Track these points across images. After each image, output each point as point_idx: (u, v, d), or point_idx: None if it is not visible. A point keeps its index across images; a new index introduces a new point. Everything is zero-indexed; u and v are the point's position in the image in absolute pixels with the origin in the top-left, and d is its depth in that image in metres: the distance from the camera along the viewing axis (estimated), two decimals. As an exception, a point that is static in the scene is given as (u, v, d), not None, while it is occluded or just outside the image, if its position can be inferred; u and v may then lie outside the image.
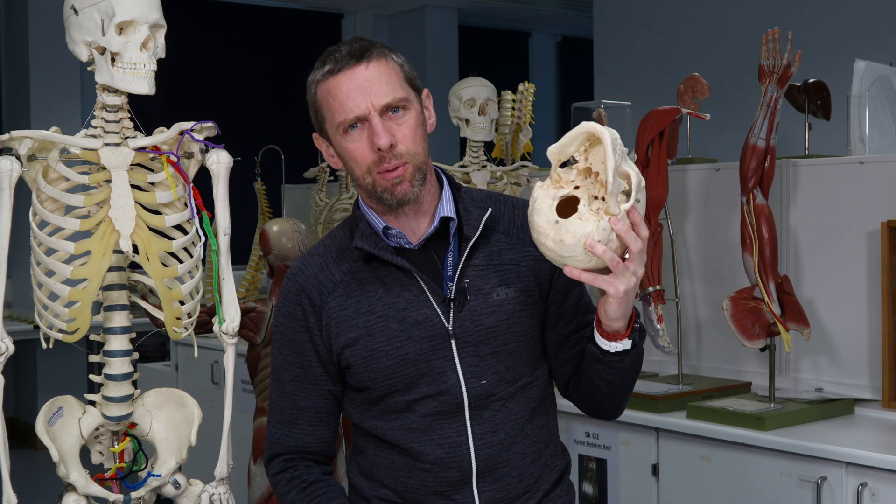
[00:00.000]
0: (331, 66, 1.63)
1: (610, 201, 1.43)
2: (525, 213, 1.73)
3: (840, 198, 3.11)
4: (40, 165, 2.06)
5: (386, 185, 1.63)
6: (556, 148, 1.48)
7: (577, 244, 1.43)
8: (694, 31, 6.02)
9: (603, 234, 1.43)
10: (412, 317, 1.65)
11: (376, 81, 1.61)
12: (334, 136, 1.66)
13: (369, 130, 1.62)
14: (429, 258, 1.70)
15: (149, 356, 6.09)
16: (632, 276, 1.47)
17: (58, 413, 2.11)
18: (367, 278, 1.68)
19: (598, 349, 1.61)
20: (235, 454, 2.51)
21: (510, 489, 1.70)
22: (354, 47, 1.63)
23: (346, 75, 1.61)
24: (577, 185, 1.46)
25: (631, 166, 1.45)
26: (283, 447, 1.78)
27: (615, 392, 1.70)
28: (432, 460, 1.66)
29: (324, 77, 1.63)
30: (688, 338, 3.44)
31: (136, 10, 1.97)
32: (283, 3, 8.25)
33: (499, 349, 1.68)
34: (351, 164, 1.66)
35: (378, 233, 1.68)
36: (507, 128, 3.98)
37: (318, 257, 1.74)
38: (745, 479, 2.73)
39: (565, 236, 1.44)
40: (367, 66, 1.62)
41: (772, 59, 2.89)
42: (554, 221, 1.45)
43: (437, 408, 1.66)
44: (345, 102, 1.61)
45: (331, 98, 1.63)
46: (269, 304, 3.45)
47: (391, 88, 1.62)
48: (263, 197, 5.28)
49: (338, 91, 1.62)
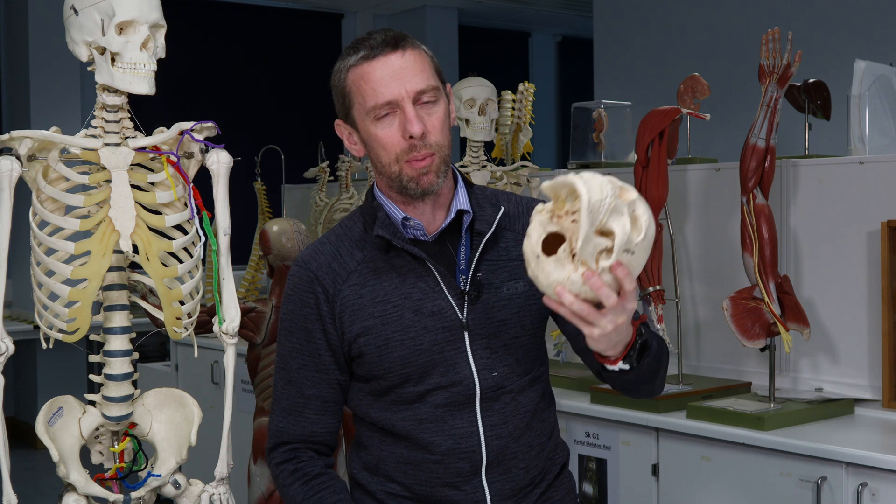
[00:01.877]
0: (365, 52, 1.63)
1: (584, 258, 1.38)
2: (529, 209, 1.77)
3: (840, 198, 3.11)
4: (40, 165, 2.06)
5: (412, 175, 1.64)
6: (549, 187, 1.43)
7: (549, 286, 1.41)
8: (694, 31, 6.02)
9: (574, 286, 1.40)
10: (427, 307, 1.67)
11: (411, 69, 1.62)
12: (363, 122, 1.66)
13: (401, 118, 1.62)
14: (444, 250, 1.71)
15: (149, 356, 6.09)
16: (608, 325, 1.43)
17: (58, 413, 2.11)
18: (383, 268, 1.69)
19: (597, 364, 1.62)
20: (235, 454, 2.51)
21: (518, 480, 1.72)
22: (389, 35, 1.64)
23: (381, 61, 1.62)
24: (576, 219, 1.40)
25: (620, 224, 1.39)
26: (287, 436, 1.77)
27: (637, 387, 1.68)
28: (443, 451, 1.67)
29: (357, 63, 1.64)
30: (688, 338, 3.44)
31: (136, 10, 1.97)
32: (283, 3, 8.25)
33: (510, 342, 1.70)
34: (378, 152, 1.66)
35: (396, 223, 1.69)
36: (507, 128, 3.98)
37: (330, 245, 1.74)
38: (744, 479, 2.73)
39: (540, 274, 1.42)
40: (402, 54, 1.63)
41: (772, 59, 2.89)
42: (536, 255, 1.43)
43: (449, 399, 1.67)
44: (378, 88, 1.62)
45: (363, 83, 1.63)
46: (269, 304, 3.45)
47: (425, 77, 1.63)
48: (263, 197, 5.28)
49: (372, 76, 1.62)
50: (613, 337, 1.48)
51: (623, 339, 1.51)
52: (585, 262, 1.39)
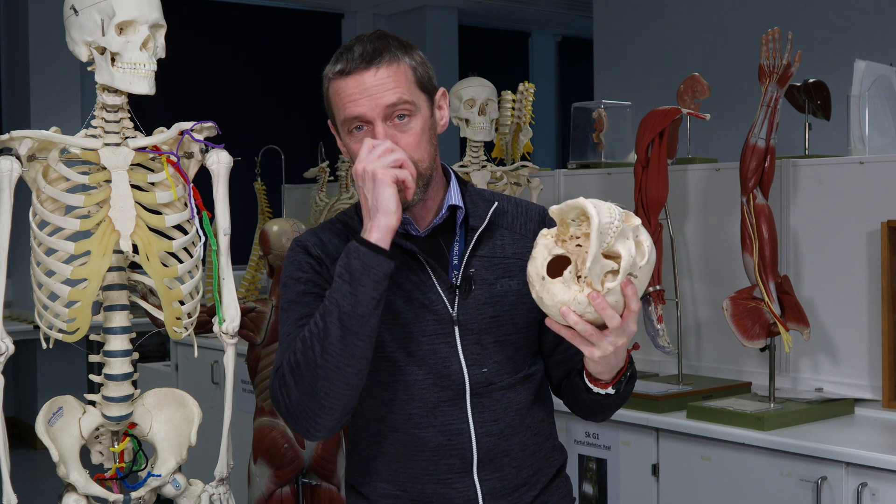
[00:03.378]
0: (342, 66, 1.64)
1: (591, 279, 1.44)
2: (528, 212, 1.79)
3: (840, 198, 3.11)
4: (40, 165, 2.06)
5: None
6: (557, 211, 1.49)
7: (555, 307, 1.46)
8: (694, 31, 6.02)
9: (579, 307, 1.45)
10: (419, 299, 1.68)
11: (383, 86, 1.62)
12: (341, 131, 1.69)
13: (372, 134, 1.63)
14: (436, 246, 1.72)
15: (149, 356, 6.09)
16: (609, 346, 1.49)
17: (58, 413, 2.11)
18: None
19: (583, 384, 1.67)
20: (235, 454, 2.51)
21: (510, 479, 1.72)
22: (367, 49, 1.63)
23: (354, 79, 1.63)
24: (580, 244, 1.47)
25: (626, 248, 1.45)
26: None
27: (600, 411, 1.76)
28: (434, 447, 1.68)
29: (335, 76, 1.65)
30: (688, 338, 3.44)
31: (136, 10, 1.97)
32: (283, 3, 8.25)
33: (501, 339, 1.71)
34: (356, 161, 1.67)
35: None
36: (507, 128, 3.98)
37: (328, 232, 1.75)
38: (745, 479, 2.73)
39: (545, 296, 1.47)
40: (376, 71, 1.62)
41: (772, 59, 2.89)
42: (541, 277, 1.48)
43: (439, 393, 1.68)
44: (350, 105, 1.63)
45: (337, 96, 1.65)
46: (269, 304, 3.45)
47: (399, 91, 1.63)
48: (263, 197, 5.28)
49: (345, 92, 1.64)
50: (612, 360, 1.55)
51: (619, 364, 1.59)
52: (591, 284, 1.44)
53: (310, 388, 1.56)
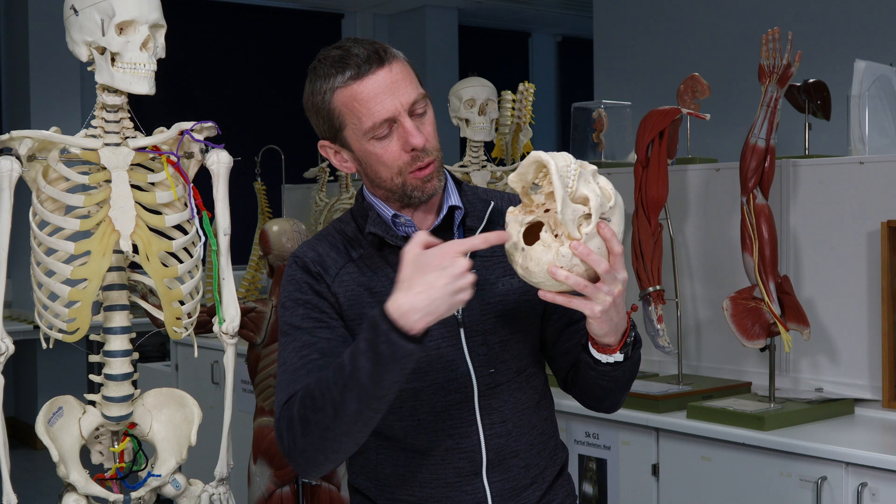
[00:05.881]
0: (352, 71, 1.60)
1: (567, 227, 1.43)
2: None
3: (840, 198, 3.11)
4: (40, 165, 2.06)
5: (417, 184, 1.64)
6: (515, 176, 1.49)
7: (542, 271, 1.45)
8: (694, 31, 6.02)
9: (564, 261, 1.44)
10: None
11: (401, 82, 1.61)
12: (358, 143, 1.64)
13: (400, 132, 1.61)
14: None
15: (149, 356, 6.10)
16: (606, 297, 1.47)
17: (58, 413, 2.11)
18: (378, 264, 1.68)
19: (590, 358, 1.63)
20: (235, 454, 2.51)
21: (518, 479, 1.71)
22: (371, 50, 1.62)
23: (371, 80, 1.60)
24: (548, 207, 1.46)
25: (591, 189, 1.45)
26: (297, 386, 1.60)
27: (610, 393, 1.72)
28: (442, 451, 1.67)
29: (345, 83, 1.61)
30: (688, 338, 3.44)
31: (136, 10, 1.97)
32: (283, 3, 8.25)
33: (506, 338, 1.70)
34: (377, 168, 1.65)
35: (387, 221, 1.69)
36: (507, 128, 3.98)
37: (325, 244, 1.73)
38: (745, 479, 2.73)
39: (530, 264, 1.46)
40: (390, 68, 1.61)
41: (772, 59, 2.89)
42: (520, 248, 1.47)
43: (447, 397, 1.66)
44: (373, 106, 1.60)
45: (356, 104, 1.61)
46: (269, 304, 3.45)
47: (414, 86, 1.63)
48: (263, 197, 5.28)
49: (364, 95, 1.60)
50: (614, 315, 1.51)
51: (621, 322, 1.55)
52: (569, 235, 1.43)
53: (317, 442, 1.54)
